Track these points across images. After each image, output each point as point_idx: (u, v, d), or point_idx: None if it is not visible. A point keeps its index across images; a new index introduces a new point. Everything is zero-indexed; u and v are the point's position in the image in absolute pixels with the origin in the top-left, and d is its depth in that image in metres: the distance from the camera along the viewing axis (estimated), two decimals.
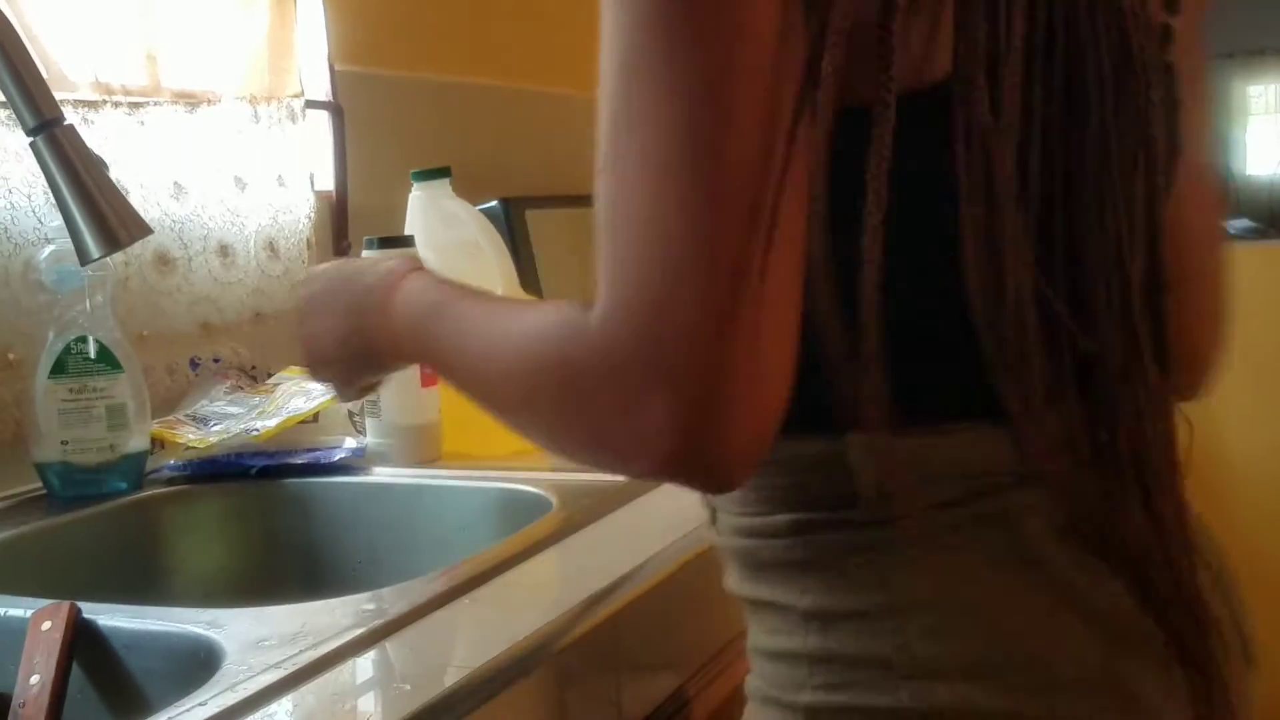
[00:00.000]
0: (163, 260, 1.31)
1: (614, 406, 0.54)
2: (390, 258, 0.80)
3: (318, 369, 0.85)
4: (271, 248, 1.44)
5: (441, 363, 0.70)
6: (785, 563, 0.62)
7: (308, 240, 1.49)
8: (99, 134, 1.23)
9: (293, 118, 1.48)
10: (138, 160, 1.28)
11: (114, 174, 0.94)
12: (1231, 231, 2.51)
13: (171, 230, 1.32)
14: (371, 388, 0.89)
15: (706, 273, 0.51)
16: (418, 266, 0.77)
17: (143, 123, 1.28)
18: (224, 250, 1.38)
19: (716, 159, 0.52)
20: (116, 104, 1.26)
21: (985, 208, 0.56)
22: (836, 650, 0.60)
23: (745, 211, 0.52)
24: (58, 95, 0.89)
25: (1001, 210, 0.56)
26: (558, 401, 0.57)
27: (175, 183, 1.32)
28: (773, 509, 0.62)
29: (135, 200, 1.20)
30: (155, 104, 1.30)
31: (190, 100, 1.35)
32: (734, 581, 0.67)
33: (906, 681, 0.58)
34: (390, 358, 0.79)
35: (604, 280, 0.54)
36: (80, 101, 1.22)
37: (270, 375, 1.36)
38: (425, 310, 0.72)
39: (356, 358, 0.80)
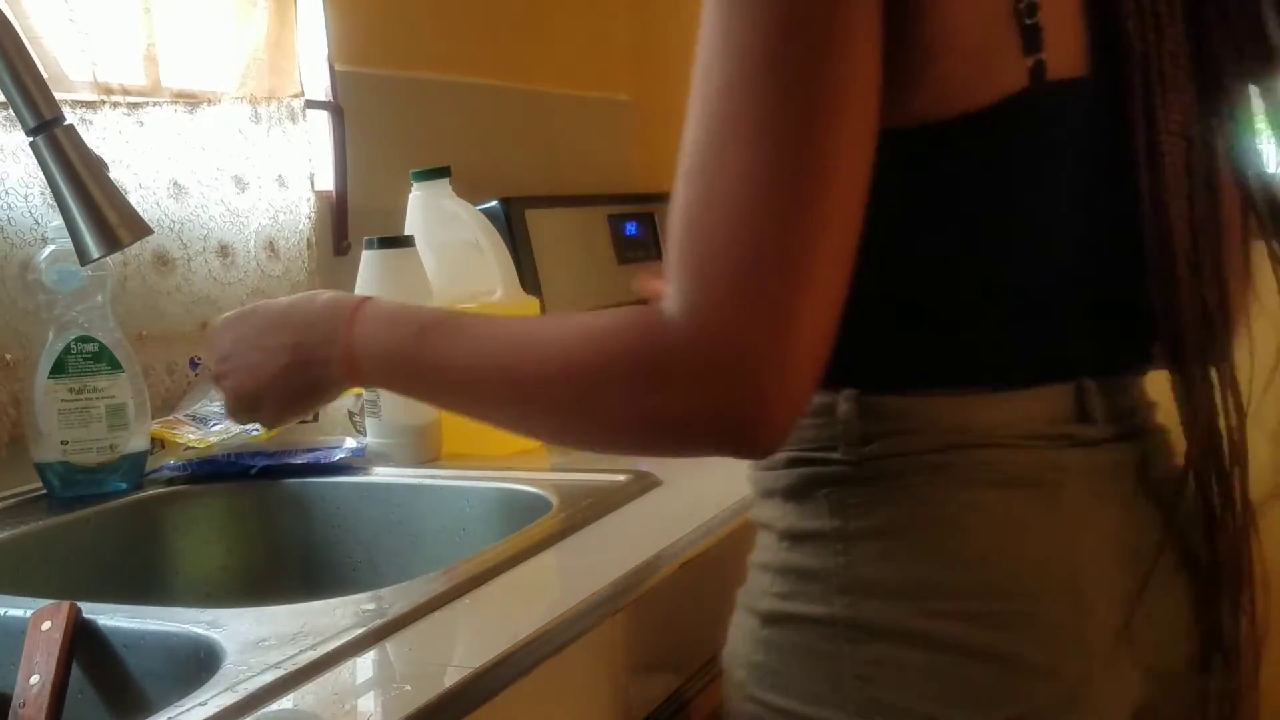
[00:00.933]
0: (162, 260, 1.31)
1: (693, 391, 0.60)
2: (319, 293, 0.82)
3: (250, 405, 0.85)
4: (271, 248, 1.44)
5: (434, 376, 0.73)
6: (776, 490, 0.72)
7: (308, 240, 1.49)
8: (97, 134, 1.23)
9: (293, 118, 1.48)
10: (137, 160, 1.28)
11: (113, 174, 0.94)
12: None
13: (171, 230, 1.32)
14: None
15: (781, 277, 0.58)
16: (366, 297, 0.79)
17: (142, 123, 1.28)
18: (224, 250, 1.38)
19: (809, 186, 0.58)
20: (115, 104, 1.26)
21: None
22: (795, 564, 0.69)
23: (820, 230, 0.59)
24: (57, 95, 0.88)
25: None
26: (631, 390, 0.61)
27: (174, 183, 1.32)
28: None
29: (134, 200, 1.20)
30: (155, 104, 1.30)
31: (190, 100, 1.35)
32: (751, 509, 0.76)
33: (841, 595, 0.67)
34: (340, 384, 0.81)
35: (686, 281, 0.59)
36: (79, 102, 1.22)
37: None
38: (414, 329, 0.73)
39: (299, 389, 0.82)
